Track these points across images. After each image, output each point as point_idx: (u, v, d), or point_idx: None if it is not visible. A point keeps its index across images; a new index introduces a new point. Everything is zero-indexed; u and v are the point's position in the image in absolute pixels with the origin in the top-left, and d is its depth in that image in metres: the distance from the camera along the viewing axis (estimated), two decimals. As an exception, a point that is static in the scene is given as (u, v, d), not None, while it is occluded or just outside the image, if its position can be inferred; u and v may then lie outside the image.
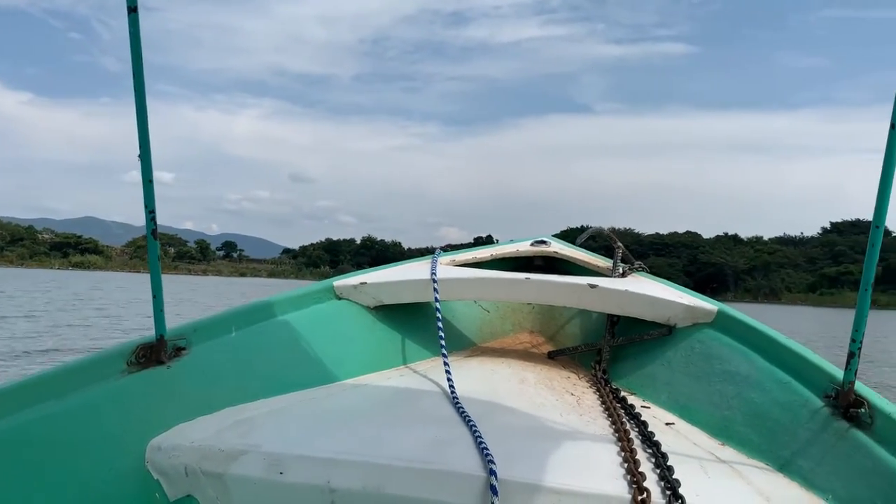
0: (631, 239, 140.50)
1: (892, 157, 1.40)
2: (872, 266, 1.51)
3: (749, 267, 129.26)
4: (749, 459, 1.66)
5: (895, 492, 1.41)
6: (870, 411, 1.55)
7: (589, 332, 2.81)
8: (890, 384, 15.79)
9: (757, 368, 1.92)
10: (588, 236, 3.24)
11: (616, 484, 1.37)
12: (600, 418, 1.83)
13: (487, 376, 2.20)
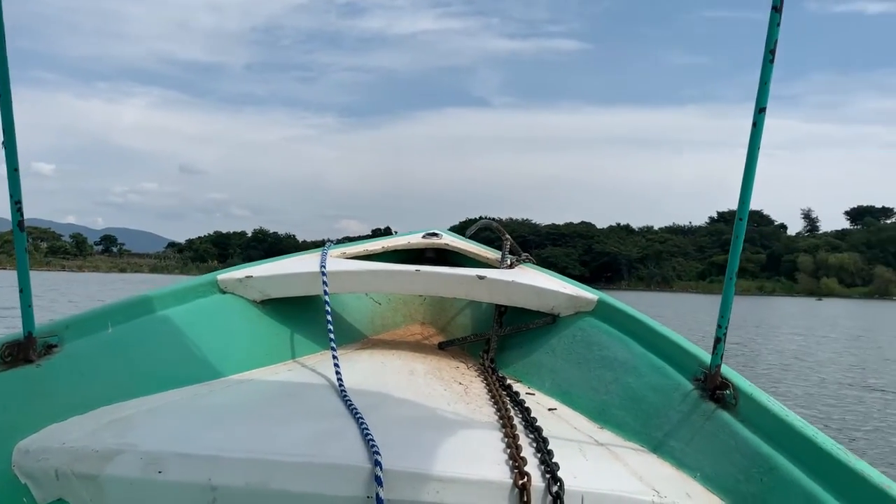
0: (528, 229, 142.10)
1: (753, 155, 1.48)
2: (736, 257, 1.59)
3: (641, 256, 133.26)
4: (625, 441, 1.74)
5: (755, 468, 1.49)
6: (734, 393, 1.65)
7: (478, 322, 2.84)
8: (768, 361, 17.56)
9: (633, 354, 2.00)
10: (477, 228, 3.35)
11: (498, 470, 1.42)
12: (486, 406, 1.88)
13: (377, 368, 2.23)
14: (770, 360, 17.40)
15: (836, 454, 1.39)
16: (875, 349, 22.03)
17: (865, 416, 9.89)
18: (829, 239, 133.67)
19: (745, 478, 1.49)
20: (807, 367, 15.84)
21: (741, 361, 16.64)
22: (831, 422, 9.37)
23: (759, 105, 1.46)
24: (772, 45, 1.44)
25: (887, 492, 1.27)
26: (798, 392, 11.89)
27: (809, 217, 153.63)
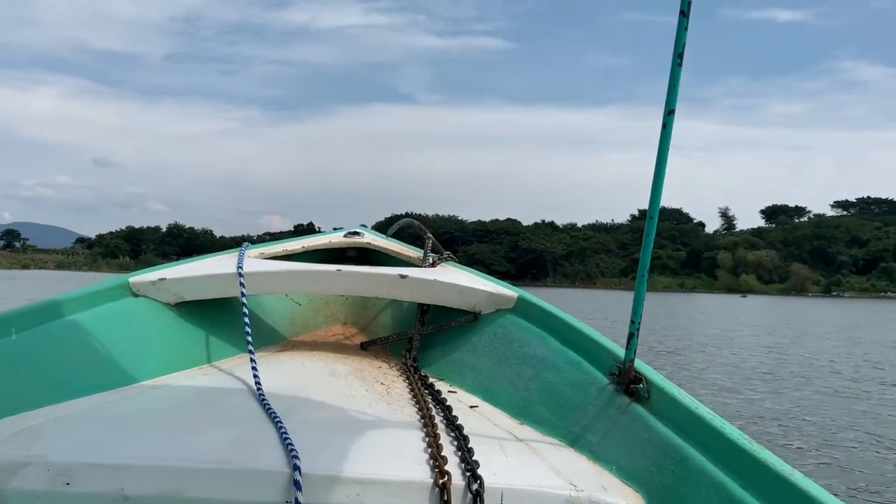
0: (455, 226, 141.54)
1: (663, 155, 1.52)
2: (647, 254, 1.64)
3: (566, 253, 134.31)
4: (545, 437, 1.77)
5: (668, 459, 1.53)
6: (647, 386, 1.70)
7: (401, 321, 2.83)
8: (680, 349, 18.93)
9: (552, 350, 2.04)
10: (399, 227, 3.37)
11: (419, 469, 1.43)
12: (408, 406, 1.89)
13: (297, 371, 2.21)
14: (722, 354, 18.34)
15: (742, 444, 1.44)
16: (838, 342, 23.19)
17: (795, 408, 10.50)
18: (748, 237, 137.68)
19: (659, 469, 1.53)
20: (739, 360, 17.02)
21: (672, 355, 17.52)
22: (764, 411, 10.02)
23: (668, 107, 1.49)
24: (680, 49, 1.46)
25: (789, 479, 1.32)
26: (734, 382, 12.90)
27: (726, 215, 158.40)
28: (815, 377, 14.19)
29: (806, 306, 64.90)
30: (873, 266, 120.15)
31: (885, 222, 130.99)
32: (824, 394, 12.01)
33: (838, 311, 54.53)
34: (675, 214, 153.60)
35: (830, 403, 11.00)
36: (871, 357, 18.49)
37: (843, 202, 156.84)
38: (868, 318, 43.42)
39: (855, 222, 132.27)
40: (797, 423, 9.40)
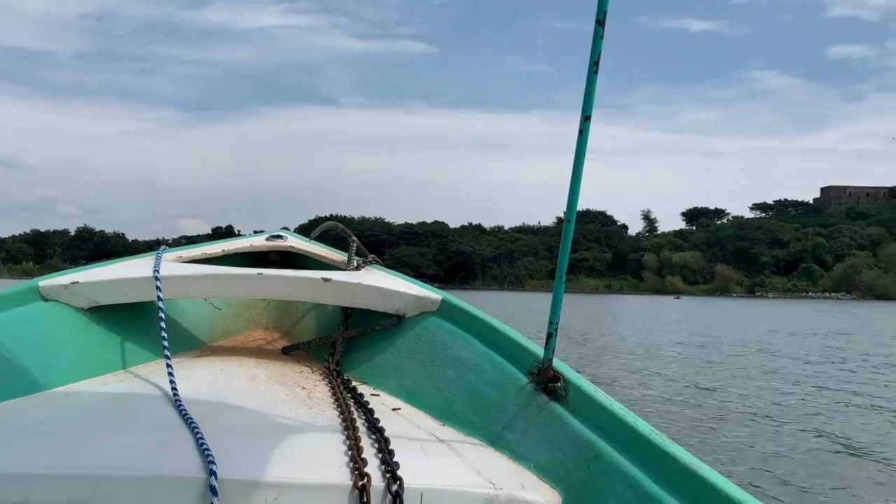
0: (382, 228, 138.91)
1: (580, 161, 1.54)
2: (565, 256, 1.64)
3: (495, 255, 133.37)
4: (466, 437, 1.79)
5: (583, 456, 1.56)
6: (565, 385, 1.72)
7: (324, 325, 2.79)
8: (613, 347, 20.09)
9: (474, 352, 2.05)
10: (322, 230, 3.34)
11: (338, 472, 1.43)
12: (329, 409, 1.88)
13: (216, 376, 2.18)
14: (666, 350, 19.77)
15: (654, 439, 1.47)
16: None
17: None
18: (672, 238, 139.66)
19: (575, 466, 1.56)
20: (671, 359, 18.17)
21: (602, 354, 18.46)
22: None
23: (585, 113, 1.52)
24: (596, 56, 1.48)
25: (697, 472, 1.36)
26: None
27: (648, 218, 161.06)
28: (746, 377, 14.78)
29: (740, 307, 66.06)
30: (794, 267, 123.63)
31: (803, 224, 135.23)
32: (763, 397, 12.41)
33: (775, 311, 55.62)
34: (600, 217, 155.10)
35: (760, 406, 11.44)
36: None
37: (762, 204, 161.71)
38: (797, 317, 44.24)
39: (775, 224, 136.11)
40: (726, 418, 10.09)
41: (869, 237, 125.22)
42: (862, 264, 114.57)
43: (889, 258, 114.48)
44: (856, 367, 16.97)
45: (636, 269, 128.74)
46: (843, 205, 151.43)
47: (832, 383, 13.87)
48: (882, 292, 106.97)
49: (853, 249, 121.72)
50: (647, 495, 1.40)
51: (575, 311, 45.32)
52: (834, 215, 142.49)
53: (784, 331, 30.14)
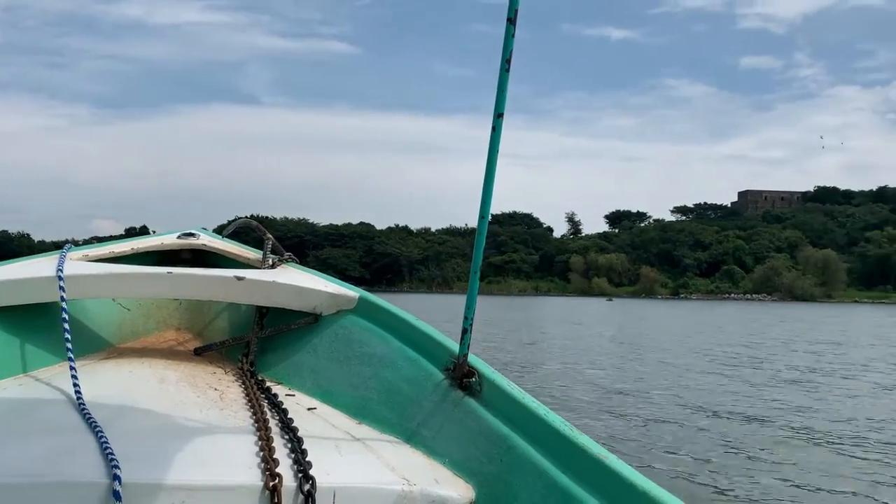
0: (306, 229, 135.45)
1: (493, 157, 1.55)
2: (480, 253, 1.65)
3: (422, 257, 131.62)
4: (382, 435, 1.80)
5: (496, 449, 1.58)
6: (479, 380, 1.73)
7: (238, 325, 2.73)
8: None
9: (392, 349, 2.05)
10: (236, 228, 3.27)
11: (249, 473, 1.42)
12: (242, 411, 1.86)
13: (123, 379, 2.13)
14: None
15: (563, 430, 1.50)
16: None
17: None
18: (597, 240, 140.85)
19: (488, 459, 1.58)
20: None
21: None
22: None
23: (497, 111, 1.53)
24: (507, 54, 1.50)
25: (604, 462, 1.39)
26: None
27: (573, 220, 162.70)
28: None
29: (668, 309, 67.46)
30: (716, 269, 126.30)
31: (723, 227, 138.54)
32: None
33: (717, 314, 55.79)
34: (527, 219, 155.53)
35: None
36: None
37: (682, 207, 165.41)
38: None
39: (696, 227, 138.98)
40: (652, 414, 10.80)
41: (786, 240, 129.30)
42: (781, 266, 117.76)
43: (807, 260, 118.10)
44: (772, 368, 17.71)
45: (563, 270, 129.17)
46: (759, 208, 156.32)
47: (751, 384, 14.64)
48: (801, 294, 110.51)
49: (772, 252, 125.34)
50: (555, 486, 1.43)
51: (490, 313, 45.99)
52: (751, 218, 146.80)
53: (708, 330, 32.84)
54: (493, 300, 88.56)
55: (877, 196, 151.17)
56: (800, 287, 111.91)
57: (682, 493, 6.59)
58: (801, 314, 58.62)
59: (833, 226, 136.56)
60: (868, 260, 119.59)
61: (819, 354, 21.29)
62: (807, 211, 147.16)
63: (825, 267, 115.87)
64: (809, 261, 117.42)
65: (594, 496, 1.37)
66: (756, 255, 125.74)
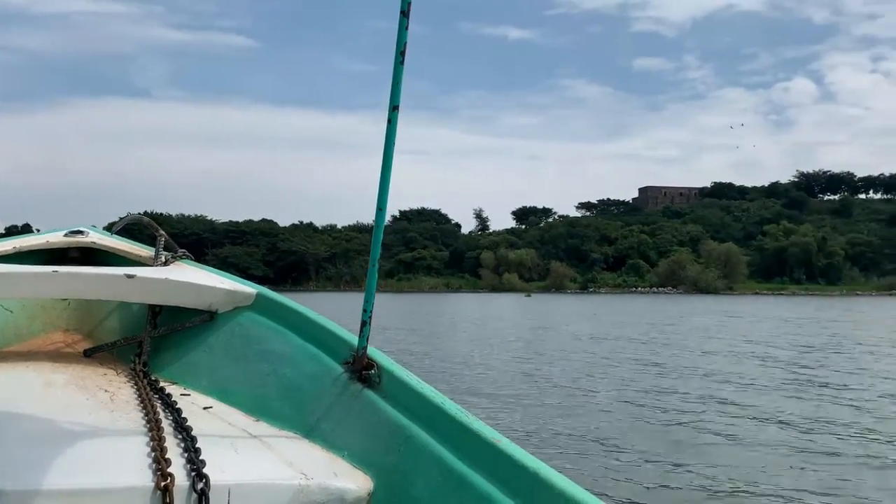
0: (204, 226, 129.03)
1: (389, 149, 1.57)
2: (378, 246, 1.68)
3: (329, 255, 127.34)
4: (281, 431, 1.79)
5: (395, 439, 1.61)
6: (379, 372, 1.75)
7: (130, 325, 2.66)
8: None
9: (291, 346, 2.05)
10: (126, 224, 3.14)
11: (140, 474, 1.40)
12: (133, 412, 1.83)
13: (6, 383, 2.07)
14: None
15: (459, 418, 1.52)
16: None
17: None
18: (507, 236, 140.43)
19: (387, 450, 1.60)
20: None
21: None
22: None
23: (393, 103, 1.54)
24: (402, 47, 1.51)
25: (497, 446, 1.42)
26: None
27: (481, 216, 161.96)
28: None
29: (582, 302, 68.70)
30: (622, 263, 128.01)
31: (626, 222, 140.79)
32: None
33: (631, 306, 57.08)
34: (435, 215, 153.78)
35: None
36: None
37: (587, 203, 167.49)
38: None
39: (602, 222, 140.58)
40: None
41: (688, 234, 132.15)
42: (685, 260, 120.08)
43: (709, 254, 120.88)
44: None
45: (473, 267, 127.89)
46: (659, 204, 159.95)
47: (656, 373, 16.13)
48: (705, 286, 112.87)
49: (674, 246, 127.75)
50: (452, 472, 1.45)
51: (402, 312, 46.02)
52: (652, 214, 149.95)
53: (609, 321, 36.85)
54: (398, 298, 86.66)
55: (769, 191, 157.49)
56: (704, 280, 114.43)
57: (578, 474, 7.24)
58: (707, 306, 60.24)
59: (730, 220, 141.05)
60: (766, 253, 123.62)
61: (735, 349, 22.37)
62: (704, 206, 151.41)
63: (727, 260, 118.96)
64: (712, 254, 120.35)
65: (487, 479, 1.40)
66: (660, 250, 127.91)
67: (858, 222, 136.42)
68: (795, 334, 28.47)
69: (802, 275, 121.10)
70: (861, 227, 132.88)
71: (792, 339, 25.74)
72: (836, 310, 54.27)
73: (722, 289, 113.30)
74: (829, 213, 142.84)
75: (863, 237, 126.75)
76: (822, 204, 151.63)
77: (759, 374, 15.94)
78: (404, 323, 33.90)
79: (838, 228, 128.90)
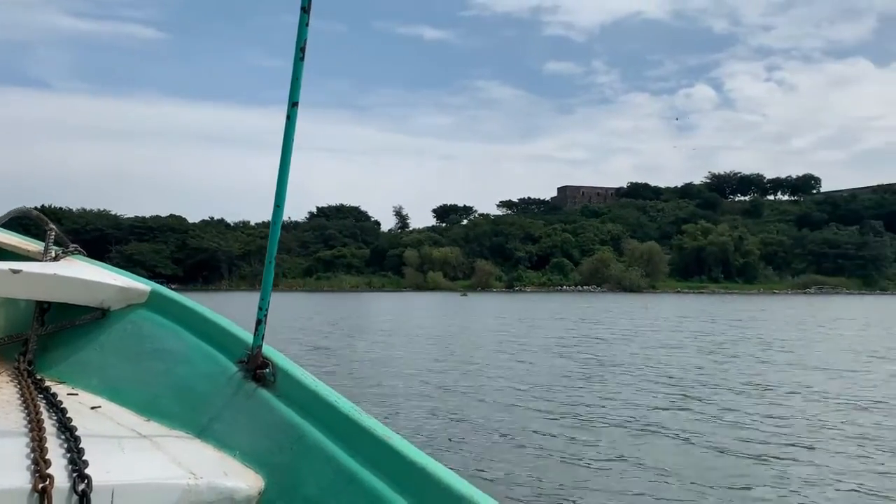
0: (107, 221, 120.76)
1: (288, 146, 1.56)
2: (275, 242, 1.66)
3: (243, 252, 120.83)
4: (171, 431, 1.76)
5: (288, 438, 1.61)
6: (273, 370, 1.74)
7: (15, 322, 2.52)
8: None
9: (185, 344, 2.01)
10: (12, 217, 3.01)
11: (16, 476, 1.35)
12: (14, 413, 1.77)
13: None
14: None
15: (353, 415, 1.54)
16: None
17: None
18: (430, 234, 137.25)
19: (279, 449, 1.60)
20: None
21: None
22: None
23: (292, 99, 1.54)
24: (302, 43, 1.51)
25: (387, 442, 1.45)
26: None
27: (400, 214, 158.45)
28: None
29: (513, 302, 67.29)
30: (546, 261, 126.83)
31: (548, 221, 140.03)
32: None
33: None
34: (354, 212, 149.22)
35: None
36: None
37: (508, 202, 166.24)
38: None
39: (525, 221, 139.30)
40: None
41: (609, 233, 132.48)
42: (609, 258, 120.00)
43: (632, 253, 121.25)
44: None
45: (396, 265, 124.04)
46: (577, 203, 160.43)
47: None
48: (628, 285, 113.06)
49: (596, 244, 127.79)
50: (343, 470, 1.47)
51: (322, 311, 46.32)
52: (572, 213, 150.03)
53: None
54: (317, 297, 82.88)
55: (682, 192, 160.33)
56: (627, 278, 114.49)
57: (473, 473, 7.80)
58: (630, 305, 61.14)
59: (645, 220, 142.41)
60: (685, 252, 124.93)
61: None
62: (621, 206, 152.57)
63: (650, 259, 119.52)
64: (635, 253, 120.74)
65: (377, 476, 1.43)
66: (582, 248, 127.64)
67: (768, 223, 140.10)
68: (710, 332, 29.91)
69: (720, 273, 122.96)
70: (771, 227, 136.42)
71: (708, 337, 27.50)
72: (753, 307, 58.03)
73: (645, 287, 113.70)
74: (740, 213, 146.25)
75: (775, 237, 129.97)
76: (733, 205, 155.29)
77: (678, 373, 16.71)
78: (322, 324, 33.66)
79: (749, 228, 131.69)
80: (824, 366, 18.03)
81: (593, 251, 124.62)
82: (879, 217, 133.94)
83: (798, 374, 16.52)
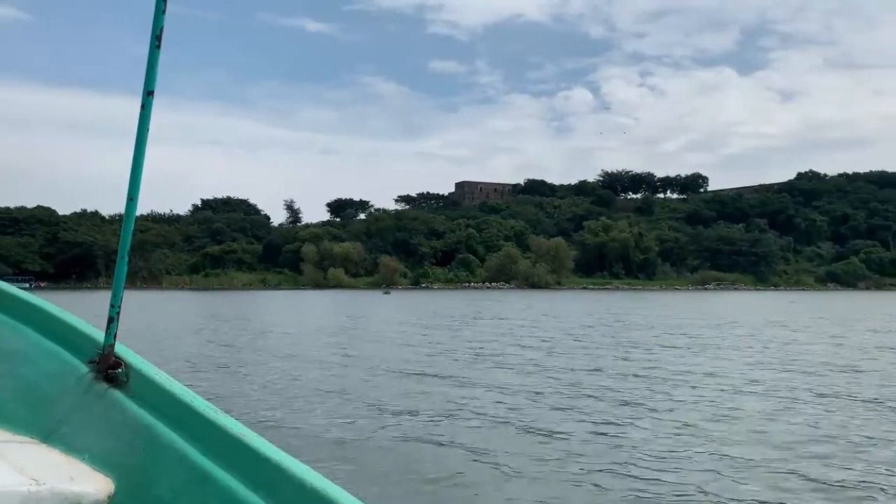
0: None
1: (143, 136, 1.52)
2: (128, 237, 1.62)
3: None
4: (14, 436, 1.68)
5: (140, 439, 1.56)
6: (126, 371, 1.67)
7: None
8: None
9: (28, 343, 1.89)
10: None
11: None
12: None
13: None
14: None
15: (208, 415, 1.52)
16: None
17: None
18: (330, 229, 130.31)
19: (131, 450, 1.55)
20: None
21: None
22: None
23: (147, 88, 1.50)
24: (158, 30, 1.47)
25: (242, 440, 1.44)
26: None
27: (292, 208, 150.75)
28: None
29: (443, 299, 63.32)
30: (451, 258, 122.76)
31: (450, 216, 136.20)
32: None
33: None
34: (243, 205, 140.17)
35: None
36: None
37: (406, 197, 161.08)
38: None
39: (428, 216, 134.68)
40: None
41: (513, 229, 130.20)
42: (515, 255, 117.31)
43: (538, 249, 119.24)
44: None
45: (292, 261, 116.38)
46: (476, 199, 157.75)
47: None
48: (536, 281, 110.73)
49: (501, 241, 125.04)
50: (196, 469, 1.45)
51: (208, 310, 43.94)
52: (471, 209, 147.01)
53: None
54: (204, 296, 76.35)
55: (578, 189, 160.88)
56: (534, 275, 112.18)
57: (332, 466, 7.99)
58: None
59: (543, 216, 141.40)
60: (587, 248, 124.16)
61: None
62: (519, 203, 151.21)
63: (556, 254, 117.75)
64: (541, 248, 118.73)
65: (231, 474, 1.42)
66: (487, 244, 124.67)
67: (660, 220, 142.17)
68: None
69: (621, 269, 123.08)
70: (663, 224, 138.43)
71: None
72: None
73: (552, 284, 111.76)
74: (633, 210, 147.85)
75: (670, 234, 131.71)
76: (626, 202, 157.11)
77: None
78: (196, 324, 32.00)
79: (643, 226, 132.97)
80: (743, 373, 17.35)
81: (498, 247, 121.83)
82: (763, 216, 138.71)
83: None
